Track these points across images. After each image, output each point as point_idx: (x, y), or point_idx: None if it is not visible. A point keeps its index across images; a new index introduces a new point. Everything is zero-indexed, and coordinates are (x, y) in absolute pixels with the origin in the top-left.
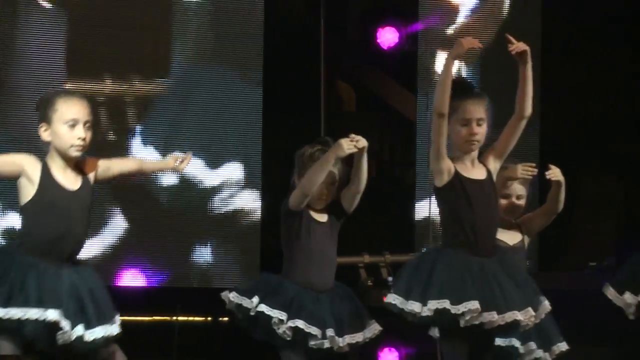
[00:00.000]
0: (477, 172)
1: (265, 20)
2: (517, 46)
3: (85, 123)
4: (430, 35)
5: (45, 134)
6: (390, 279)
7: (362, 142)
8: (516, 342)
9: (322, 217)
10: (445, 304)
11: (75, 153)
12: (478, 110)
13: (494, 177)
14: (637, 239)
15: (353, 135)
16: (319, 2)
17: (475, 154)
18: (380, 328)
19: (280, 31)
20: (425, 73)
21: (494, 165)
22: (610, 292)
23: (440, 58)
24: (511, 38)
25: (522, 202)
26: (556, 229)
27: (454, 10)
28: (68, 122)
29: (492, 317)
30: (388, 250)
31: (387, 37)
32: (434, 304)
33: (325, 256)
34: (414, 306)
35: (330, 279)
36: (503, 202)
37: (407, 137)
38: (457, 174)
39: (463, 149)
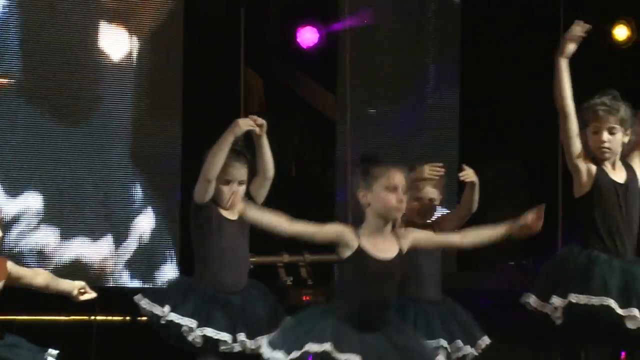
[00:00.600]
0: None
1: (185, 22)
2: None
3: None
4: (350, 35)
5: None
6: (309, 279)
7: (260, 120)
8: (444, 342)
9: (233, 215)
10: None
11: None
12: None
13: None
14: (554, 239)
15: (251, 115)
16: (239, 2)
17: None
18: None
19: (200, 32)
20: (344, 72)
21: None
22: (534, 300)
23: (360, 57)
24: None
25: (434, 203)
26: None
27: (374, 10)
28: None
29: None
30: (307, 250)
31: (307, 36)
32: None
33: (237, 255)
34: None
35: (243, 279)
36: (414, 204)
37: (327, 136)
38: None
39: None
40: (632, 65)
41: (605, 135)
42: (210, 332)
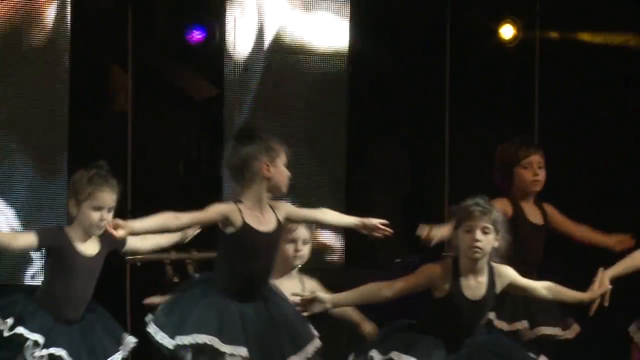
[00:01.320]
0: None
1: (72, 19)
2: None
3: None
4: (238, 32)
5: None
6: (196, 275)
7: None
8: None
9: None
10: None
11: None
12: None
13: None
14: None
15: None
16: None
17: None
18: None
19: (87, 30)
20: (232, 70)
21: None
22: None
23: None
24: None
25: (306, 246)
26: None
27: (261, 8)
28: None
29: None
30: (195, 247)
31: (195, 33)
32: None
33: (85, 295)
34: None
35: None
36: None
37: (215, 134)
38: None
39: None
40: (519, 63)
41: (479, 235)
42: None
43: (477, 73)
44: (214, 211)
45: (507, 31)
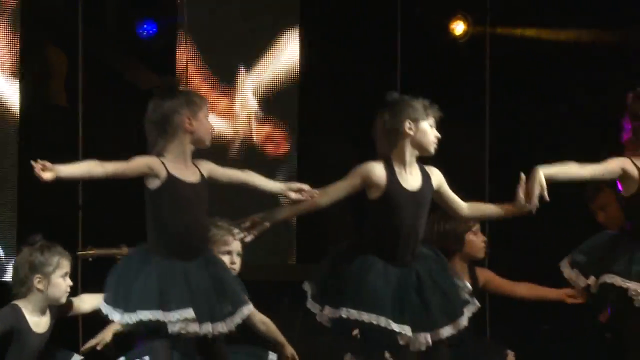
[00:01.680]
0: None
1: (22, 13)
2: None
3: None
4: (189, 27)
5: None
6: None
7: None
8: None
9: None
10: None
11: None
12: None
13: None
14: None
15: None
16: None
17: None
18: None
19: (38, 23)
20: (184, 65)
21: None
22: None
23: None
24: None
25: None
26: (311, 224)
27: (212, 3)
28: None
29: None
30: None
31: (147, 28)
32: None
33: None
34: None
35: None
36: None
37: None
38: None
39: None
40: (470, 58)
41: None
42: None
43: (429, 69)
44: (138, 162)
45: (458, 27)
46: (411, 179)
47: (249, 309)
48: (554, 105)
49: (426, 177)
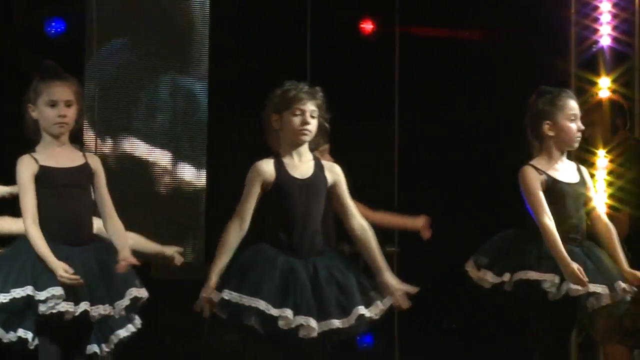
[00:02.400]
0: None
1: None
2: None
3: None
4: (97, 25)
5: None
6: None
7: None
8: None
9: None
10: None
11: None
12: None
13: None
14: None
15: None
16: None
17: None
18: None
19: None
20: (92, 62)
21: None
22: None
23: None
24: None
25: None
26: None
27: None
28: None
29: None
30: None
31: (55, 26)
32: None
33: None
34: None
35: None
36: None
37: None
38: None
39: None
40: (379, 58)
41: (309, 118)
42: None
43: (339, 69)
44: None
45: (366, 27)
46: (303, 167)
47: (139, 292)
48: (462, 105)
49: (319, 169)
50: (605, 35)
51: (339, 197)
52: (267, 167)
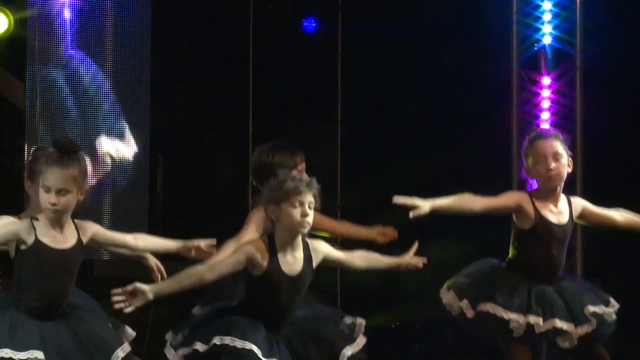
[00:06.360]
0: None
1: None
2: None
3: None
4: (39, 22)
5: None
6: None
7: None
8: None
9: None
10: None
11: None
12: None
13: None
14: None
15: None
16: None
17: None
18: None
19: None
20: (34, 60)
21: None
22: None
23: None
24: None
25: None
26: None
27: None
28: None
29: None
30: None
31: None
32: None
33: None
34: None
35: None
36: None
37: (16, 125)
38: None
39: None
40: (322, 55)
41: (308, 209)
42: None
43: (281, 67)
44: (6, 226)
45: (309, 25)
46: (292, 262)
47: (123, 349)
48: (405, 102)
49: (308, 260)
50: (547, 34)
51: (332, 262)
52: (261, 257)
